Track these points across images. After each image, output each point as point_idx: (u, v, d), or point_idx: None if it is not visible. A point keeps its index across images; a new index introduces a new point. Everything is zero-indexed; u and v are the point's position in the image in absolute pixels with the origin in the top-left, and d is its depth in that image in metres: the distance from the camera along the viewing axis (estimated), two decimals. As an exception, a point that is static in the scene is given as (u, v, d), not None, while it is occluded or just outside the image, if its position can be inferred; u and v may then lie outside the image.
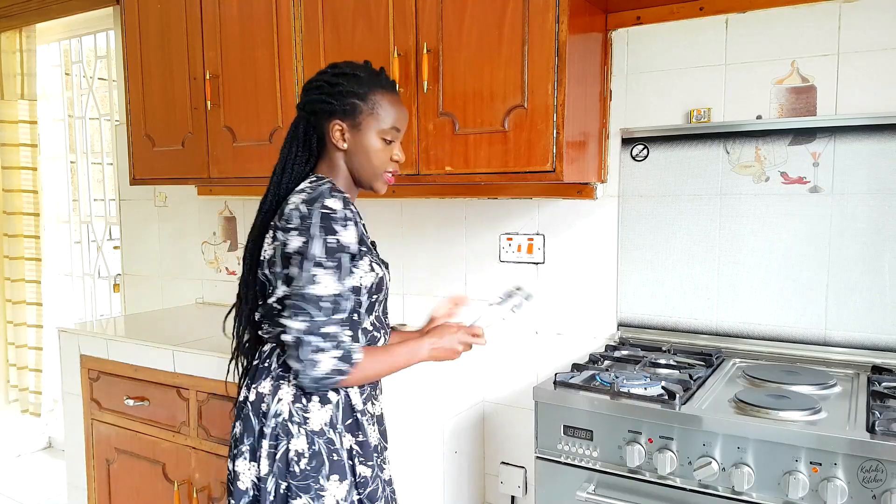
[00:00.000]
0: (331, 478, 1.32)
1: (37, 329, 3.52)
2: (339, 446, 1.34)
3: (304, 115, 1.42)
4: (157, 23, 2.47)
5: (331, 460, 1.32)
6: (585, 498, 1.53)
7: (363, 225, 1.40)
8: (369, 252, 1.38)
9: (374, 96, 1.38)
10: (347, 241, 1.28)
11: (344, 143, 1.39)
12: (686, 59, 1.92)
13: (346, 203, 1.31)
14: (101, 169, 3.51)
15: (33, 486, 3.36)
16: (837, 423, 1.36)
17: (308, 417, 1.32)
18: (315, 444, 1.32)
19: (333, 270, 1.27)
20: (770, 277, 1.85)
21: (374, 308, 1.39)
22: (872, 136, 1.70)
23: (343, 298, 1.28)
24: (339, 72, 1.40)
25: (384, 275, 1.40)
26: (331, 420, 1.34)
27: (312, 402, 1.33)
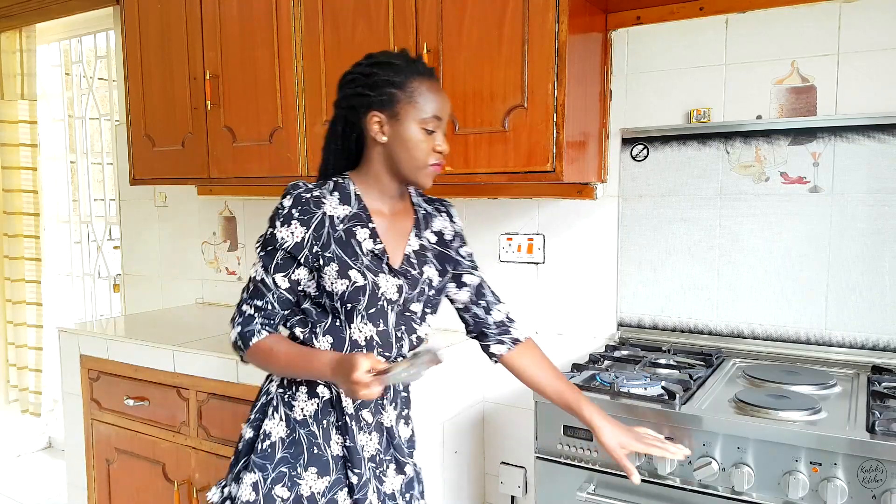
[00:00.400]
0: (309, 469, 1.32)
1: (37, 329, 3.52)
2: (321, 441, 1.33)
3: (342, 111, 1.36)
4: (157, 23, 2.47)
5: (311, 453, 1.32)
6: (585, 498, 1.53)
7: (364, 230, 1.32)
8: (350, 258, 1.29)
9: (412, 84, 1.30)
10: (282, 237, 1.28)
11: (383, 136, 1.31)
12: (686, 59, 1.92)
13: (299, 202, 1.29)
14: (101, 169, 3.51)
15: (33, 486, 3.36)
16: (837, 423, 1.36)
17: (294, 405, 1.34)
18: (296, 433, 1.33)
19: (262, 259, 1.31)
20: (770, 277, 1.85)
21: (353, 317, 1.30)
22: (872, 136, 1.70)
23: (265, 287, 1.31)
24: (373, 61, 1.32)
25: (366, 285, 1.29)
26: (316, 414, 1.33)
27: (300, 391, 1.34)
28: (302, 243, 1.28)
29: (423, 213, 1.46)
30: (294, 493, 1.31)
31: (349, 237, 1.31)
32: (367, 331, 1.32)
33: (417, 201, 1.47)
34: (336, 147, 1.39)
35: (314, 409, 1.34)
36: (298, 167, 2.16)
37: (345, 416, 1.33)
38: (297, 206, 1.29)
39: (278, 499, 1.30)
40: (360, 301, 1.30)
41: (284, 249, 1.29)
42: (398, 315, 1.35)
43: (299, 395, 1.34)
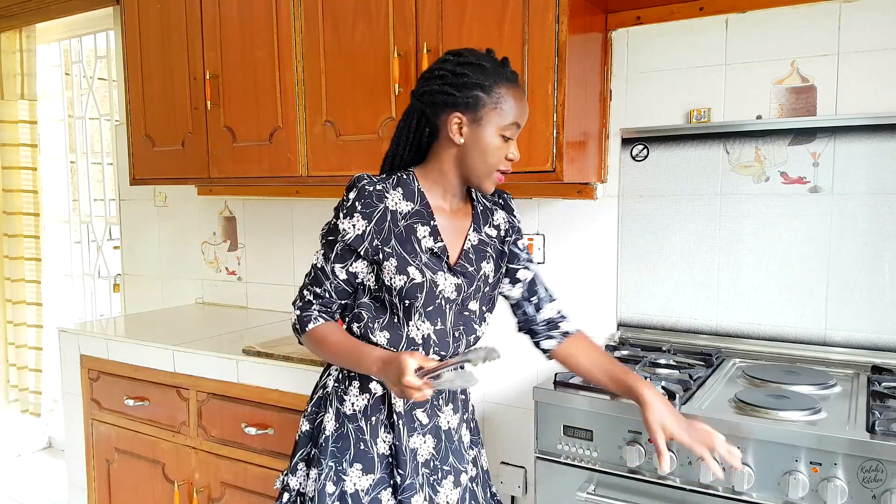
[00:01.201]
0: (354, 465, 1.33)
1: (37, 329, 3.52)
2: (368, 437, 1.34)
3: (421, 105, 1.33)
4: (157, 23, 2.47)
5: (357, 448, 1.33)
6: (585, 498, 1.53)
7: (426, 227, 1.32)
8: (410, 255, 1.30)
9: (499, 89, 1.28)
10: (343, 229, 1.30)
11: (461, 138, 1.29)
12: (686, 59, 1.92)
13: (363, 195, 1.28)
14: (101, 169, 3.51)
15: (33, 486, 3.36)
16: (837, 423, 1.36)
17: (345, 400, 1.36)
18: (344, 427, 1.35)
19: (324, 248, 1.34)
20: (770, 277, 1.85)
21: (412, 314, 1.31)
22: (872, 136, 1.70)
23: (324, 275, 1.34)
24: (463, 61, 1.29)
25: (424, 282, 1.29)
26: (365, 410, 1.34)
27: (352, 386, 1.36)
28: (363, 236, 1.29)
29: (482, 208, 1.45)
30: (339, 488, 1.32)
31: (409, 234, 1.31)
32: (424, 329, 1.33)
33: (475, 195, 1.45)
34: (407, 140, 1.36)
35: (364, 404, 1.35)
36: (298, 167, 2.16)
37: (394, 415, 1.34)
38: (361, 199, 1.29)
39: (327, 495, 1.32)
40: (419, 298, 1.30)
41: (345, 241, 1.30)
42: (456, 314, 1.37)
43: (351, 389, 1.36)
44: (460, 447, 1.43)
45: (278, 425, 1.92)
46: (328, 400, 1.38)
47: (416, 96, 1.35)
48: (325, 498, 1.32)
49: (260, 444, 1.95)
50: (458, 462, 1.41)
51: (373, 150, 2.00)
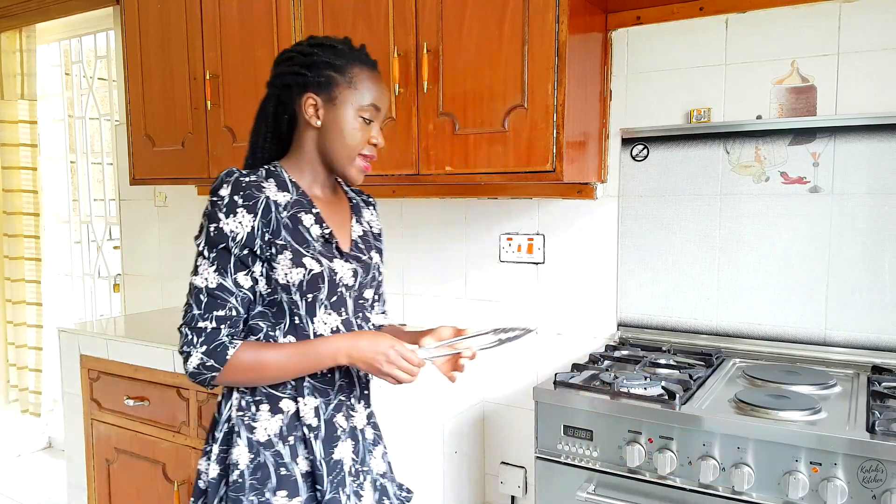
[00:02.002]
0: (278, 493, 1.21)
1: (37, 329, 3.52)
2: (288, 460, 1.22)
3: (275, 91, 1.28)
4: (157, 23, 2.47)
5: (279, 475, 1.22)
6: (585, 498, 1.53)
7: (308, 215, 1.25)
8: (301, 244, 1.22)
9: (352, 69, 1.25)
10: (230, 230, 1.17)
11: (317, 120, 1.25)
12: (686, 59, 1.92)
13: (239, 188, 1.19)
14: (101, 169, 3.51)
15: (33, 486, 3.36)
16: (837, 423, 1.36)
17: (255, 427, 1.23)
18: (260, 456, 1.22)
19: (212, 261, 1.19)
20: (770, 277, 1.85)
21: (315, 310, 1.23)
22: (872, 136, 1.70)
23: (224, 292, 1.18)
24: (315, 42, 1.27)
25: (323, 271, 1.22)
26: (280, 431, 1.23)
27: (261, 410, 1.23)
28: (253, 232, 1.18)
29: (355, 202, 1.42)
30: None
31: (296, 224, 1.23)
32: (331, 321, 1.25)
33: (346, 189, 1.44)
34: (266, 130, 1.31)
35: (279, 426, 1.23)
36: (298, 167, 2.16)
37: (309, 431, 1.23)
38: (239, 193, 1.19)
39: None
40: (321, 289, 1.22)
41: (238, 244, 1.18)
42: (355, 302, 1.30)
43: (260, 414, 1.23)
44: (367, 445, 1.34)
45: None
46: (233, 434, 1.23)
47: (269, 83, 1.29)
48: None
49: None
50: (369, 461, 1.34)
51: (373, 150, 2.00)
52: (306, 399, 1.24)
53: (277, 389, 1.23)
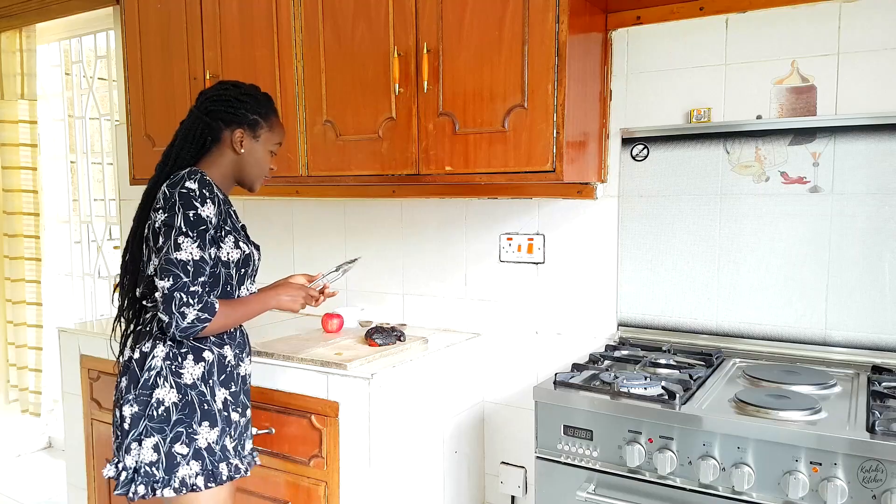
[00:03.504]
0: (202, 423, 1.56)
1: (37, 329, 3.52)
2: (209, 397, 1.58)
3: (205, 118, 1.64)
4: (157, 23, 2.47)
5: (202, 409, 1.56)
6: (585, 498, 1.53)
7: (233, 211, 1.65)
8: (235, 232, 1.61)
9: (271, 117, 1.70)
10: (206, 215, 1.51)
11: (241, 149, 1.65)
12: (686, 59, 1.92)
13: (204, 185, 1.53)
14: (101, 169, 3.51)
15: (33, 486, 3.36)
16: (837, 423, 1.36)
17: (182, 373, 1.56)
18: (188, 396, 1.55)
19: (194, 239, 1.49)
20: (770, 277, 1.85)
21: (244, 281, 1.65)
22: (872, 136, 1.70)
23: (205, 263, 1.50)
24: (244, 92, 1.67)
25: (251, 252, 1.65)
26: (203, 375, 1.57)
27: (187, 360, 1.57)
28: (216, 219, 1.55)
29: None
30: (192, 447, 1.54)
31: (229, 216, 1.62)
32: (252, 290, 1.70)
33: None
34: (191, 145, 1.65)
35: (201, 372, 1.57)
36: (298, 167, 2.16)
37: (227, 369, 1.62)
38: (205, 188, 1.54)
39: (178, 455, 1.52)
40: (250, 266, 1.65)
41: (212, 226, 1.53)
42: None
43: (186, 362, 1.57)
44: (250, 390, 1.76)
45: (278, 424, 1.92)
46: (159, 377, 1.55)
47: (201, 111, 1.65)
48: (177, 458, 1.52)
49: (260, 443, 1.95)
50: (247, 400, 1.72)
51: (373, 149, 2.00)
52: (224, 350, 1.63)
53: (200, 342, 1.59)
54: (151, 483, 1.52)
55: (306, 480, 1.90)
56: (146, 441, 1.52)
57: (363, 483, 1.81)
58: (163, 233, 1.49)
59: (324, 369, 1.86)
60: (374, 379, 1.79)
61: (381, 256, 2.49)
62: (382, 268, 2.49)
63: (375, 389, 1.79)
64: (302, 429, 1.89)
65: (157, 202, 1.53)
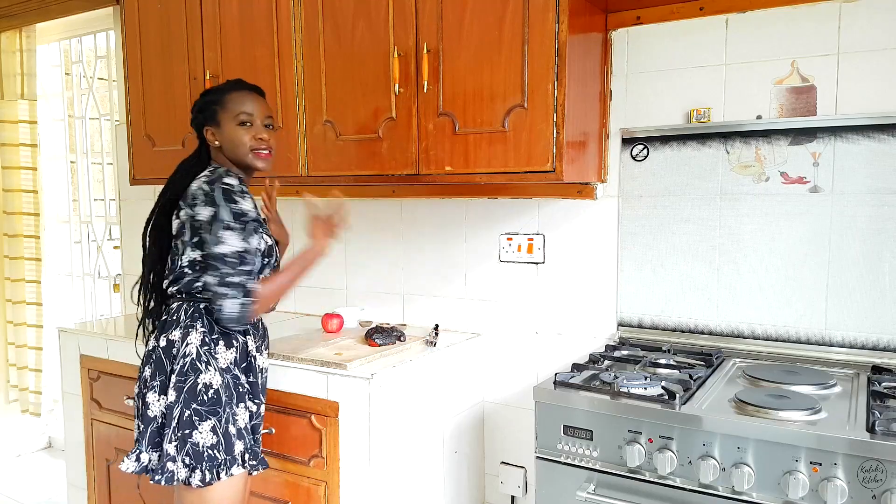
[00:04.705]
0: (239, 405, 1.65)
1: (37, 329, 3.52)
2: (242, 381, 1.67)
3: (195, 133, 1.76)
4: (157, 23, 2.47)
5: (237, 392, 1.65)
6: (585, 498, 1.53)
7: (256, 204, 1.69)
8: (261, 225, 1.66)
9: (226, 97, 1.70)
10: (247, 209, 1.59)
11: (216, 142, 1.70)
12: (686, 59, 1.92)
13: (241, 181, 1.63)
14: (101, 169, 3.51)
15: (33, 486, 3.36)
16: (837, 423, 1.36)
17: (217, 357, 1.62)
18: (224, 378, 1.62)
19: (238, 231, 1.56)
20: (770, 277, 1.85)
21: (263, 270, 1.70)
22: (872, 136, 1.70)
23: (248, 254, 1.57)
24: (206, 92, 1.76)
25: (273, 244, 1.74)
26: (235, 360, 1.65)
27: (220, 345, 1.63)
28: (255, 213, 1.62)
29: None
30: (235, 427, 1.63)
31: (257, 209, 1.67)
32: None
33: None
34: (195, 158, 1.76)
35: (233, 356, 1.65)
36: (299, 167, 2.16)
37: (249, 357, 1.69)
38: (242, 184, 1.63)
39: (232, 436, 1.61)
40: (273, 255, 1.74)
41: (254, 219, 1.60)
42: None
43: (219, 348, 1.63)
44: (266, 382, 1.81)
45: (279, 425, 1.92)
46: (200, 363, 1.60)
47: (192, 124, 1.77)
48: (232, 439, 1.61)
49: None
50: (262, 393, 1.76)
51: (373, 149, 2.00)
52: (249, 337, 1.70)
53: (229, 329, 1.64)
54: (216, 467, 1.58)
55: (306, 480, 1.90)
56: (203, 425, 1.58)
57: (363, 483, 1.81)
58: (206, 228, 1.56)
59: (324, 369, 1.86)
60: (374, 379, 1.79)
61: (381, 256, 2.49)
62: (382, 268, 2.49)
63: (375, 389, 1.79)
64: (302, 429, 1.89)
65: (195, 197, 1.59)
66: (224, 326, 1.61)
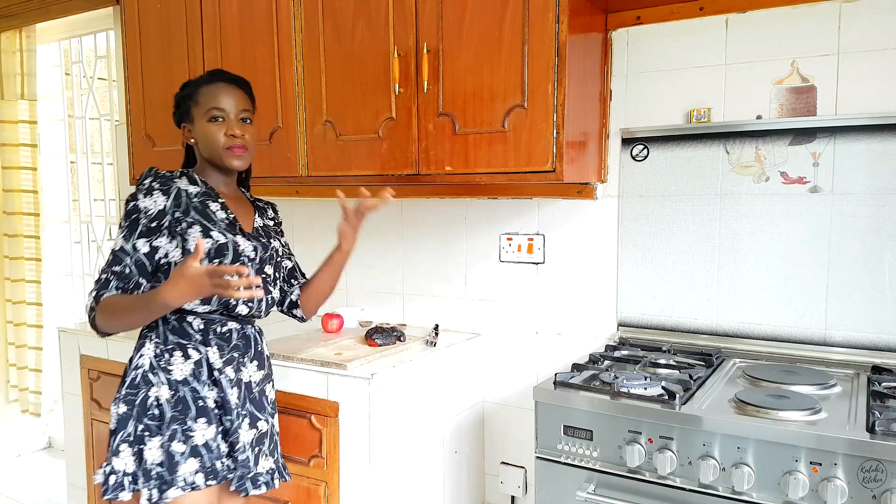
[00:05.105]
0: (198, 420, 1.53)
1: (37, 329, 3.52)
2: (204, 395, 1.54)
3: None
4: (157, 23, 2.47)
5: (197, 406, 1.53)
6: (585, 498, 1.53)
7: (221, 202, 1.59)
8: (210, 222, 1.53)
9: (197, 91, 1.59)
10: (145, 206, 1.50)
11: (192, 139, 1.63)
12: (686, 59, 1.92)
13: (158, 178, 1.55)
14: (101, 169, 3.51)
15: (33, 486, 3.36)
16: (837, 423, 1.36)
17: (171, 369, 1.53)
18: (180, 392, 1.53)
19: (124, 229, 1.51)
20: (770, 277, 1.85)
21: None
22: (872, 136, 1.70)
23: (123, 253, 1.50)
24: (184, 84, 1.65)
25: (227, 242, 1.54)
26: (194, 373, 1.54)
27: (175, 356, 1.54)
28: (164, 210, 1.51)
29: (259, 204, 1.77)
30: (189, 445, 1.51)
31: (204, 207, 1.56)
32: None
33: (249, 197, 1.78)
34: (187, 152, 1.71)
35: (191, 368, 1.54)
36: (299, 167, 2.16)
37: (213, 373, 1.56)
38: (157, 181, 1.54)
39: (177, 454, 1.50)
40: (227, 255, 1.54)
41: (148, 217, 1.50)
42: (256, 273, 1.62)
43: (175, 359, 1.54)
44: (261, 399, 1.65)
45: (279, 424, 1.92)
46: (153, 374, 1.53)
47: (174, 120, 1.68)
48: (176, 457, 1.49)
49: (260, 444, 1.96)
50: (256, 410, 1.63)
51: (373, 149, 2.00)
52: (211, 349, 1.56)
53: (186, 340, 1.55)
54: (160, 485, 1.49)
55: (306, 480, 1.90)
56: (152, 441, 1.50)
57: (363, 483, 1.81)
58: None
59: (324, 369, 1.86)
60: (374, 379, 1.79)
61: (381, 256, 2.49)
62: (382, 268, 2.49)
63: (375, 389, 1.79)
64: (302, 429, 1.89)
65: None
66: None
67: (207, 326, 1.57)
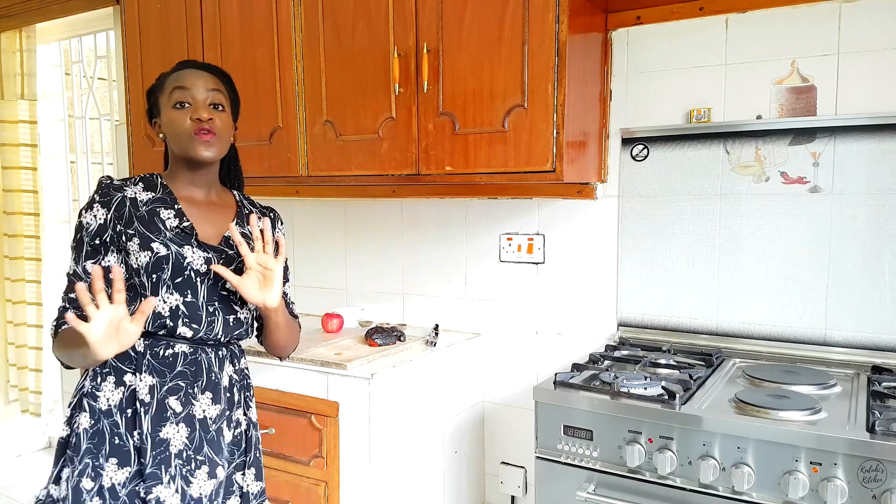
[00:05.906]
0: (110, 460, 1.32)
1: (37, 329, 3.52)
2: (123, 431, 1.33)
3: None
4: (157, 23, 2.47)
5: (112, 443, 1.33)
6: (585, 498, 1.53)
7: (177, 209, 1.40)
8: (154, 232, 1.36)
9: (163, 82, 1.44)
10: (86, 223, 1.36)
11: (161, 135, 1.45)
12: (686, 59, 1.92)
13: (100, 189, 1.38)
14: (101, 169, 3.51)
15: (33, 486, 3.36)
16: (837, 423, 1.36)
17: (98, 396, 1.35)
18: (100, 423, 1.33)
19: (73, 252, 1.39)
20: (770, 277, 1.85)
21: (158, 289, 1.34)
22: (872, 136, 1.70)
23: (76, 278, 1.37)
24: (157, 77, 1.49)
25: (168, 254, 1.35)
26: (121, 403, 1.34)
27: (107, 381, 1.35)
28: (105, 225, 1.36)
29: (247, 211, 1.55)
30: (97, 483, 1.31)
31: (152, 216, 1.38)
32: (172, 300, 1.36)
33: (241, 200, 1.57)
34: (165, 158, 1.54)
35: (119, 397, 1.34)
36: (299, 167, 2.16)
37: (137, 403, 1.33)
38: (99, 192, 1.38)
39: (84, 490, 1.30)
40: (165, 270, 1.35)
41: (90, 234, 1.36)
42: (210, 289, 1.40)
43: (105, 385, 1.35)
44: (218, 439, 1.40)
45: (279, 425, 1.92)
46: (83, 399, 1.35)
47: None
48: (83, 494, 1.30)
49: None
50: (214, 453, 1.39)
51: (373, 149, 2.00)
52: (143, 376, 1.35)
53: (123, 363, 1.35)
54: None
55: (306, 480, 1.90)
56: (65, 472, 1.34)
57: (363, 483, 1.81)
58: None
59: (324, 369, 1.86)
60: (374, 379, 1.79)
61: (381, 256, 2.49)
62: (382, 268, 2.49)
63: (375, 389, 1.79)
64: (302, 429, 1.89)
65: None
66: None
67: (148, 349, 1.36)
